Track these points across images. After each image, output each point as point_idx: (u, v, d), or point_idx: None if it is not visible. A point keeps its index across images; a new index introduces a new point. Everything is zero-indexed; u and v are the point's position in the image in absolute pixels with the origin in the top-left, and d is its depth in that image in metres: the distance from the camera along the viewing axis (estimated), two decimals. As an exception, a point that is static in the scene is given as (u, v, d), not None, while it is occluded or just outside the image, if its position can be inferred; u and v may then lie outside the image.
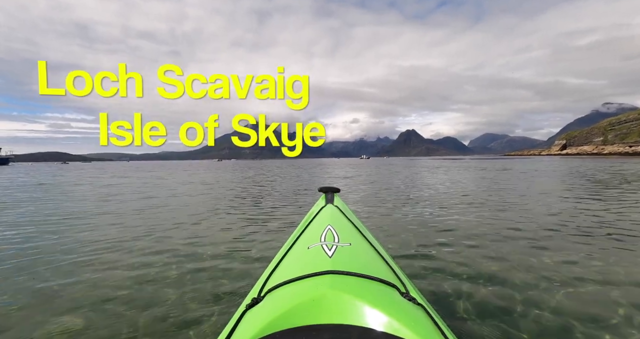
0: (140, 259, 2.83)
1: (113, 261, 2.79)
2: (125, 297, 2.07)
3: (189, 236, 3.65)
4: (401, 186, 9.34)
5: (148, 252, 3.05)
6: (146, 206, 6.04)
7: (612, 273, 2.35)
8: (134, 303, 1.98)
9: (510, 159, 64.89)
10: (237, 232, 3.89)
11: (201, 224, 4.33)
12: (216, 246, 3.27)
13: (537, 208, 5.04)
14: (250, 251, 3.08)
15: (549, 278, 2.25)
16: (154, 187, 10.13)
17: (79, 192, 8.98)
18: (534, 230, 3.56)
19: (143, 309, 1.89)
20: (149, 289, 2.19)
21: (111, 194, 8.31)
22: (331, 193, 1.93)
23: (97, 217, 4.89)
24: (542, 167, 20.28)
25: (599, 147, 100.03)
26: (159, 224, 4.34)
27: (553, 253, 2.82)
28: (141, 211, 5.44)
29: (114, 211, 5.41)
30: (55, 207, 5.91)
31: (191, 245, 3.31)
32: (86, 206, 6.04)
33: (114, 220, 4.61)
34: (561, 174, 12.89)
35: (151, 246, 3.28)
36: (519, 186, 8.76)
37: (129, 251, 3.12)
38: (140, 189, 9.70)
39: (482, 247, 3.02)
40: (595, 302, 1.91)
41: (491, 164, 28.40)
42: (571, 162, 29.97)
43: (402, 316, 0.69)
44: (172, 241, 3.49)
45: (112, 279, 2.35)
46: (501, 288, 2.10)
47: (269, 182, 12.12)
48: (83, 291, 2.16)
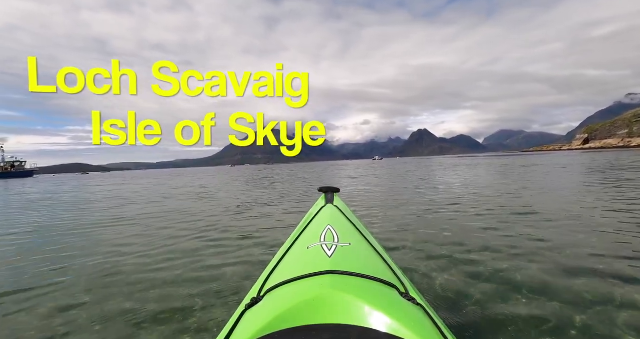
0: (140, 260, 2.87)
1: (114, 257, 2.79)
2: (124, 296, 2.10)
3: (188, 236, 3.67)
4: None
5: (147, 253, 3.08)
6: (150, 210, 6.11)
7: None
8: (132, 302, 2.00)
9: (529, 155, 62.41)
10: (237, 232, 3.88)
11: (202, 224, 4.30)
12: (217, 246, 3.27)
13: (555, 209, 4.73)
14: (250, 251, 3.05)
15: (548, 278, 2.20)
16: (168, 191, 10.32)
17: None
18: (551, 233, 3.26)
19: (142, 310, 1.90)
20: (148, 290, 2.20)
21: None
22: (331, 193, 1.93)
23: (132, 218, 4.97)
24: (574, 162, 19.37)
25: (625, 140, 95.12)
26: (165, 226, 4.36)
27: (559, 250, 2.69)
28: (147, 215, 5.50)
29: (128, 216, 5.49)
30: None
31: (190, 245, 3.32)
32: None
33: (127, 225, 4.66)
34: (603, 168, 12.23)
35: (150, 246, 3.33)
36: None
37: (129, 250, 3.14)
38: (158, 192, 9.90)
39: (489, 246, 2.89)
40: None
41: (511, 160, 27.45)
42: (605, 155, 28.46)
43: (402, 316, 0.68)
44: (170, 241, 3.52)
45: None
46: (501, 288, 2.08)
47: (269, 183, 12.10)
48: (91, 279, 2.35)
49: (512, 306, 1.83)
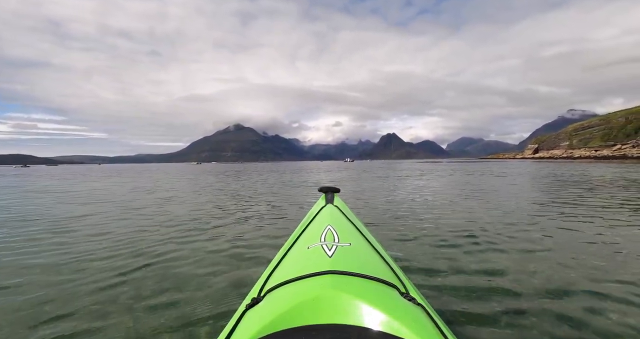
0: (140, 261, 2.92)
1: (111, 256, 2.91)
2: (123, 296, 2.12)
3: (185, 236, 3.74)
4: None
5: (147, 253, 3.13)
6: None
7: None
8: (131, 302, 2.03)
9: (488, 161, 66.91)
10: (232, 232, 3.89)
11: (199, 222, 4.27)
12: (216, 247, 3.32)
13: (532, 210, 4.34)
14: (250, 251, 3.10)
15: (547, 277, 2.37)
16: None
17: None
18: (538, 231, 3.47)
19: (141, 309, 1.94)
20: (147, 290, 2.23)
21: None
22: (331, 193, 1.93)
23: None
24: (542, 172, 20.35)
25: (568, 151, 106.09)
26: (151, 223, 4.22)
27: (555, 254, 2.95)
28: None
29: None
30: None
31: (189, 244, 3.40)
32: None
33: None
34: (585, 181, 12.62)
35: (146, 246, 3.40)
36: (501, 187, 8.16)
37: (129, 253, 3.19)
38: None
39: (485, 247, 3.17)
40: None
41: (477, 167, 28.50)
42: (554, 165, 30.76)
43: (402, 316, 0.68)
44: (165, 241, 3.60)
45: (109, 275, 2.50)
46: (501, 288, 2.17)
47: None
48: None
49: (513, 305, 1.90)
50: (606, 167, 24.95)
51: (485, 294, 2.09)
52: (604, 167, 23.63)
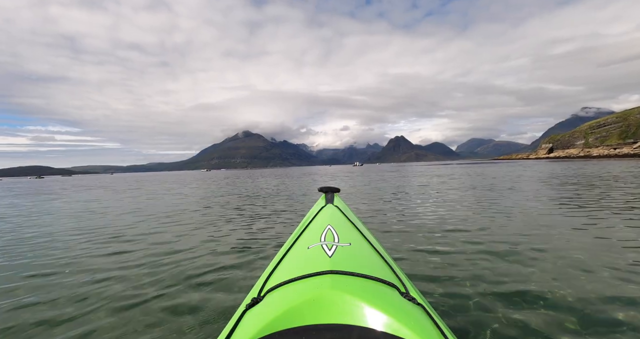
0: (140, 260, 3.01)
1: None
2: (122, 297, 2.17)
3: (184, 238, 3.80)
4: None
5: (146, 253, 3.20)
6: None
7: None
8: (130, 303, 2.06)
9: (501, 162, 64.27)
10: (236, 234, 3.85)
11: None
12: (216, 246, 3.37)
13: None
14: (250, 251, 3.12)
15: (547, 277, 2.24)
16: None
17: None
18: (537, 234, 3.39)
19: (141, 310, 1.95)
20: (147, 290, 2.27)
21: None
22: (331, 193, 1.94)
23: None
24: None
25: (585, 150, 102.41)
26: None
27: (555, 253, 2.79)
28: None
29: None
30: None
31: (188, 244, 3.43)
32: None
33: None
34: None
35: (147, 247, 3.42)
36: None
37: (129, 253, 3.25)
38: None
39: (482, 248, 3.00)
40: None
41: (494, 169, 27.08)
42: (577, 165, 28.76)
43: (402, 316, 0.69)
44: (165, 242, 3.65)
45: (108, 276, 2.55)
46: (501, 288, 2.09)
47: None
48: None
49: (513, 305, 1.85)
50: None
51: (483, 294, 2.01)
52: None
